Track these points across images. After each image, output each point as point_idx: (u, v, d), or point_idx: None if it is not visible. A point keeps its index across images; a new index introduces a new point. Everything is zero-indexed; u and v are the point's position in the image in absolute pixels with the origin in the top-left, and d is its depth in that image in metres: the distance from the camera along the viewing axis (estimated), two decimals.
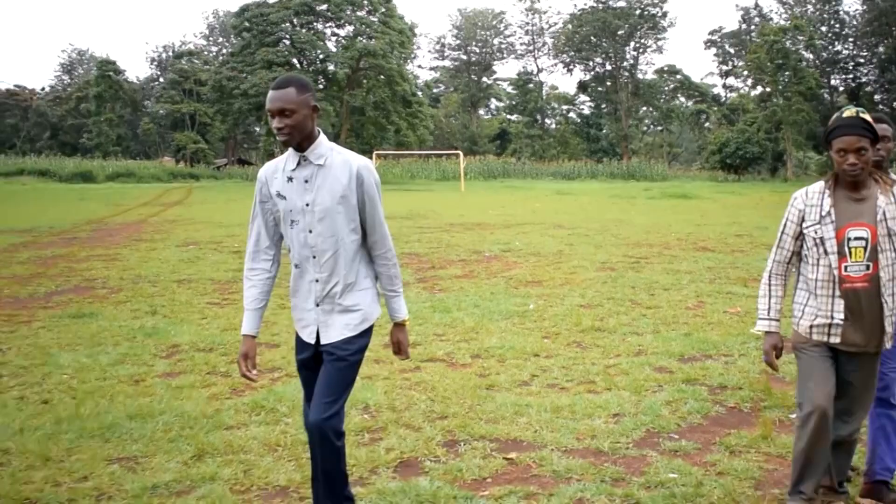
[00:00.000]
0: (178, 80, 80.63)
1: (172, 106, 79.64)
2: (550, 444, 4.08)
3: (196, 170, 71.35)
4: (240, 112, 55.61)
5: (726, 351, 6.17)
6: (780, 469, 3.78)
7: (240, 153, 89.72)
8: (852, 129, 3.21)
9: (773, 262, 3.47)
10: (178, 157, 79.70)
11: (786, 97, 60.27)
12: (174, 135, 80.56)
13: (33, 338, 6.87)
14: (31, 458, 3.93)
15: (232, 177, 69.43)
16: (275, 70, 52.85)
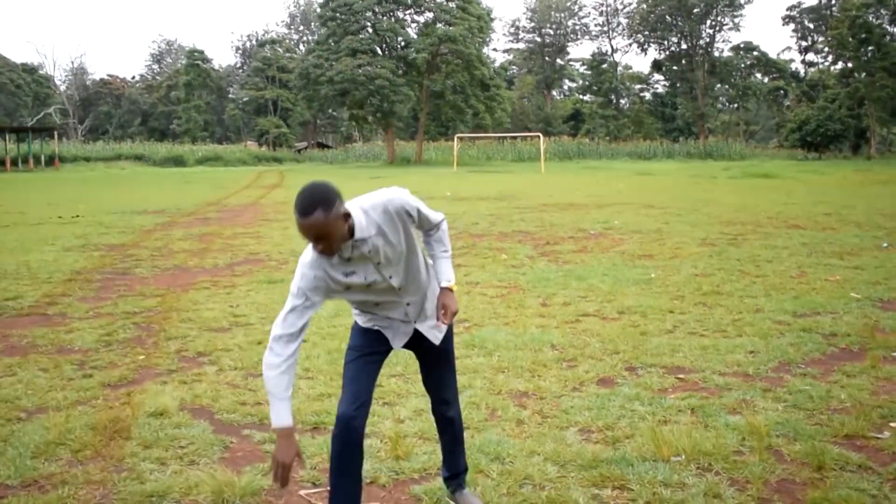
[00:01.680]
0: (261, 67, 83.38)
1: (256, 92, 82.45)
2: (707, 370, 5.41)
3: (279, 153, 74.05)
4: (325, 98, 57.56)
5: (832, 309, 7.37)
6: (887, 386, 5.02)
7: (319, 137, 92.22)
8: None
9: None
10: (261, 141, 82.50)
11: (869, 73, 59.31)
12: (257, 120, 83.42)
13: (248, 298, 8.44)
14: (315, 367, 5.40)
15: (312, 160, 72.04)
16: (359, 57, 54.60)
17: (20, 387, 5.14)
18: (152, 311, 7.79)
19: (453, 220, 16.50)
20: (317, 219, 2.72)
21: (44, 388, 5.10)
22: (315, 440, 4.16)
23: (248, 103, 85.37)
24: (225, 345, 6.25)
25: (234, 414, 4.58)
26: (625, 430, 4.21)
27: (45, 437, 4.13)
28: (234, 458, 3.93)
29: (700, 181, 30.99)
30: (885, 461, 3.81)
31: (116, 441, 4.08)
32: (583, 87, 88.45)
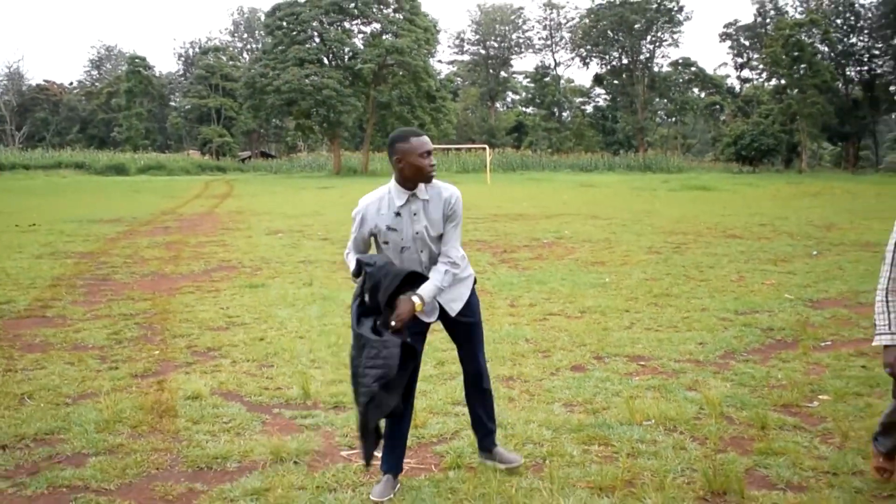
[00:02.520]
0: (204, 75, 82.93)
1: (199, 100, 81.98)
2: (664, 358, 6.21)
3: (222, 162, 73.72)
4: (272, 108, 57.62)
5: (769, 308, 8.28)
6: (816, 369, 5.89)
7: (262, 146, 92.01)
8: None
9: (889, 280, 3.63)
10: (203, 150, 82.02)
11: (801, 90, 61.67)
12: (200, 128, 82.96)
13: (236, 300, 9.01)
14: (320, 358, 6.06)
15: (257, 169, 71.74)
16: (306, 67, 54.92)
17: (55, 377, 5.69)
18: (147, 312, 8.31)
19: None
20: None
21: (77, 379, 5.65)
22: (339, 416, 4.82)
23: (190, 111, 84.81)
24: (230, 341, 6.85)
25: (261, 397, 5.22)
26: (602, 404, 4.99)
27: (100, 416, 4.71)
28: (274, 430, 4.57)
29: (641, 193, 32.20)
30: (815, 423, 4.68)
31: (166, 419, 4.69)
32: (526, 100, 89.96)
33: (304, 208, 24.25)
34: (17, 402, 5.13)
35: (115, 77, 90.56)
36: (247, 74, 59.16)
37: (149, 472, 3.98)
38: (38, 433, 4.53)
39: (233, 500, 3.63)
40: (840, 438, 4.39)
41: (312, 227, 18.41)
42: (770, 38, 66.80)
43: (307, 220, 20.22)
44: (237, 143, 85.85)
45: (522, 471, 3.96)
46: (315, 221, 19.71)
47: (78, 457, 4.18)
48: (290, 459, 4.09)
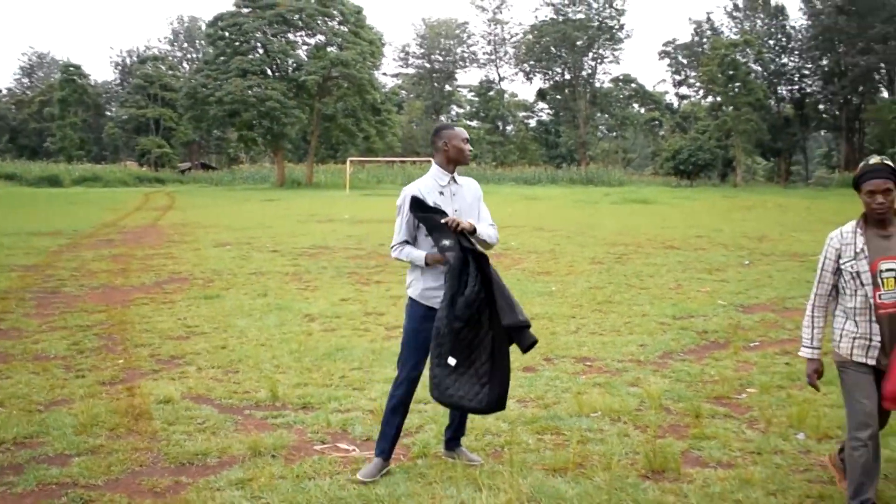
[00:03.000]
0: (142, 84, 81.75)
1: (137, 110, 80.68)
2: (608, 358, 6.64)
3: (161, 174, 72.61)
4: (214, 119, 57.16)
5: (704, 313, 8.80)
6: (745, 366, 6.37)
7: (203, 157, 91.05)
8: (880, 174, 3.63)
9: (816, 296, 3.80)
10: (141, 162, 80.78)
11: (735, 107, 63.51)
12: (138, 139, 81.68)
13: (192, 311, 9.19)
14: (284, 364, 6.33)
15: (197, 181, 70.81)
16: (249, 78, 54.69)
17: (23, 386, 5.85)
18: (104, 324, 8.45)
19: (358, 242, 17.48)
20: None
21: (45, 387, 5.82)
22: (308, 415, 5.11)
23: (127, 122, 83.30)
24: (192, 349, 7.07)
25: (231, 400, 5.48)
26: (552, 399, 5.38)
27: (76, 420, 4.91)
28: (248, 429, 4.84)
29: (584, 206, 32.96)
30: (743, 412, 5.18)
31: (142, 421, 4.92)
32: (470, 113, 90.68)
33: (250, 220, 24.29)
34: None
35: (48, 85, 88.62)
36: (188, 85, 58.52)
37: (133, 468, 4.22)
38: (16, 437, 4.72)
39: (219, 489, 3.90)
40: (764, 424, 4.88)
41: (261, 239, 18.51)
42: (706, 57, 68.73)
43: (254, 232, 20.30)
44: (176, 154, 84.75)
45: (484, 458, 4.31)
46: (263, 234, 19.81)
47: (61, 457, 4.40)
48: (268, 454, 4.38)
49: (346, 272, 12.75)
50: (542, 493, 3.82)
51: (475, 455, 4.44)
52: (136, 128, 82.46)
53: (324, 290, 10.81)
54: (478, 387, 3.95)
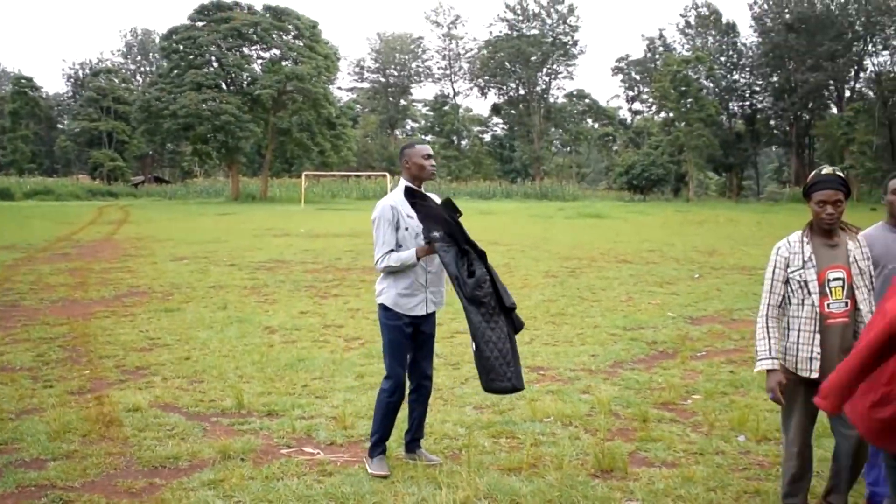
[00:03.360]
0: (95, 97, 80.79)
1: (90, 123, 79.66)
2: (561, 368, 6.94)
3: (114, 187, 71.73)
4: (168, 132, 56.70)
5: (653, 324, 9.16)
6: (692, 374, 6.71)
7: (156, 171, 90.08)
8: (831, 184, 3.67)
9: (768, 307, 3.77)
10: (94, 175, 79.72)
11: (687, 123, 64.76)
12: (91, 152, 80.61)
13: (154, 324, 9.30)
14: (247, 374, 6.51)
15: (151, 194, 70.08)
16: (204, 92, 54.43)
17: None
18: (67, 336, 8.53)
19: (315, 257, 17.61)
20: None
21: (15, 397, 5.93)
22: (273, 422, 5.31)
23: (79, 134, 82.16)
24: (157, 361, 7.20)
25: (198, 408, 5.65)
26: (507, 406, 5.65)
27: (49, 428, 5.05)
28: (216, 435, 5.02)
29: (538, 220, 33.43)
30: (688, 416, 5.49)
31: (113, 428, 5.07)
32: (425, 128, 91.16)
33: (206, 235, 24.25)
34: None
35: None
36: (142, 98, 58.05)
37: (107, 471, 4.39)
38: None
39: (192, 489, 4.09)
40: (707, 427, 5.20)
41: (217, 253, 18.54)
42: (658, 73, 70.05)
43: (211, 246, 20.31)
44: (129, 167, 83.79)
45: (443, 459, 4.57)
46: (219, 248, 19.84)
47: (37, 462, 4.54)
48: (237, 457, 4.57)
49: (304, 286, 12.91)
50: (497, 490, 4.08)
51: (435, 456, 4.68)
52: (88, 141, 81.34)
53: (283, 304, 10.97)
54: (505, 366, 4.33)
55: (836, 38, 63.63)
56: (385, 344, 4.59)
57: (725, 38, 78.18)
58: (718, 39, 78.78)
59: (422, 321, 4.57)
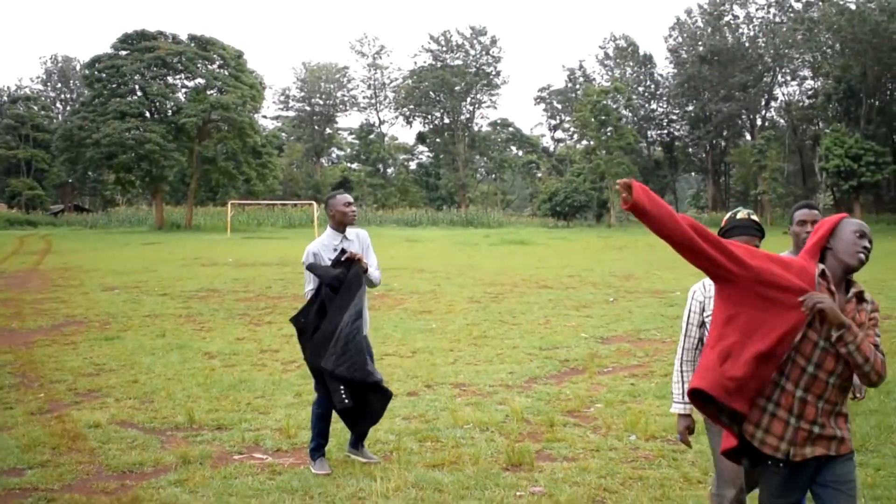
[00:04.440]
0: (13, 125, 79.21)
1: (7, 151, 78.04)
2: (481, 384, 7.71)
3: (33, 216, 70.29)
4: (90, 161, 55.96)
5: (567, 344, 10.03)
6: (597, 387, 7.55)
7: (76, 199, 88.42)
8: (747, 230, 3.66)
9: (683, 350, 3.76)
10: (11, 204, 77.96)
11: (608, 151, 66.98)
12: (9, 181, 78.85)
13: (97, 351, 9.74)
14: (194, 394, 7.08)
15: (71, 223, 68.72)
16: (128, 121, 54.04)
17: None
18: (14, 363, 8.93)
19: (245, 285, 18.08)
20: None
21: None
22: (224, 433, 5.93)
23: None
24: (106, 384, 7.72)
25: (153, 423, 6.23)
26: (432, 416, 6.40)
27: (19, 442, 5.58)
28: (174, 445, 5.62)
29: (464, 248, 34.37)
30: (589, 421, 6.34)
31: (79, 441, 5.63)
32: (351, 156, 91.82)
33: (133, 264, 24.37)
34: None
35: None
36: (63, 126, 57.29)
37: (81, 476, 4.96)
38: None
39: (160, 488, 4.71)
40: (605, 430, 6.03)
41: (148, 283, 18.82)
42: (579, 102, 72.28)
43: (140, 276, 20.54)
44: (49, 196, 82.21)
45: (378, 462, 5.29)
46: (149, 277, 20.09)
47: (15, 470, 5.08)
48: (196, 462, 5.21)
49: (238, 313, 13.43)
50: (423, 481, 4.82)
51: (374, 455, 5.42)
52: (5, 169, 79.57)
53: (219, 331, 11.50)
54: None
55: (746, 69, 66.95)
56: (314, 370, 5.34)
57: (643, 69, 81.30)
58: (636, 70, 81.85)
59: None
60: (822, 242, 2.97)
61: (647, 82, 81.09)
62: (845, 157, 55.59)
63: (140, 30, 58.01)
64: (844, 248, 2.93)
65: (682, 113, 77.79)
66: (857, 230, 2.96)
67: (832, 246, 2.97)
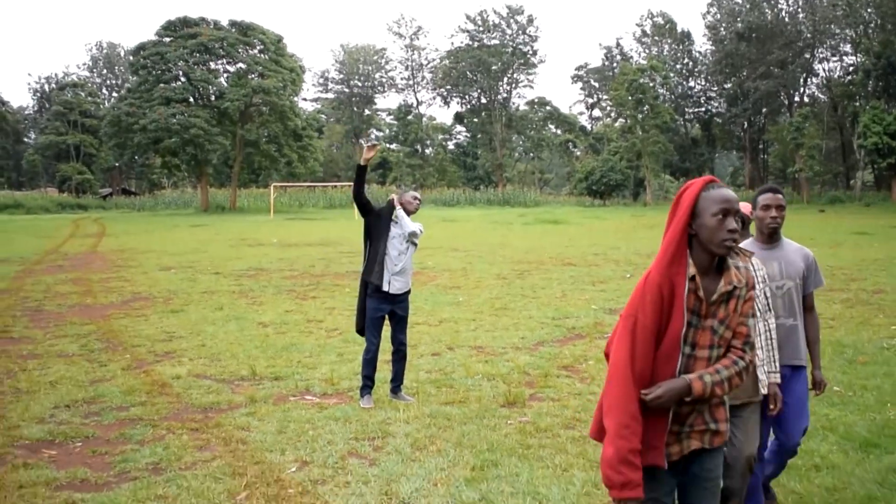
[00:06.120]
0: (62, 111, 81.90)
1: (57, 137, 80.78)
2: (495, 346, 9.02)
3: (83, 200, 72.95)
4: (138, 146, 58.06)
5: (577, 315, 11.29)
6: (594, 349, 8.80)
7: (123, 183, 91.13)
8: None
9: None
10: (62, 188, 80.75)
11: (644, 129, 67.38)
12: (59, 165, 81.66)
13: (165, 322, 11.21)
14: (253, 354, 8.46)
15: (120, 206, 71.21)
16: (173, 106, 55.96)
17: (64, 371, 7.86)
18: (97, 332, 10.42)
19: (290, 265, 19.54)
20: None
21: (82, 372, 7.85)
22: (280, 382, 7.32)
23: (47, 148, 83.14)
24: (179, 348, 9.16)
25: (223, 376, 7.65)
26: (450, 370, 7.75)
27: (120, 389, 7.01)
28: (241, 391, 7.03)
29: (498, 227, 35.60)
30: (579, 374, 7.58)
31: (166, 388, 7.06)
32: (390, 137, 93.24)
33: (184, 246, 26.01)
34: (45, 390, 7.31)
35: None
36: (111, 113, 59.38)
37: (173, 411, 6.38)
38: (83, 399, 6.80)
39: (236, 418, 6.11)
40: (590, 380, 7.32)
41: (200, 262, 20.36)
42: (615, 81, 72.63)
43: (192, 256, 22.12)
44: (97, 180, 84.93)
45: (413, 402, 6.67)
46: (200, 258, 21.65)
47: (122, 408, 6.52)
48: (261, 401, 6.62)
49: (285, 290, 14.86)
50: (436, 413, 6.18)
51: (410, 397, 6.79)
52: (56, 154, 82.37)
53: (269, 304, 12.93)
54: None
55: (785, 46, 66.72)
56: (368, 321, 6.73)
57: (680, 47, 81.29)
58: (674, 47, 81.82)
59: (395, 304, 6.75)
60: (683, 225, 2.74)
61: (684, 59, 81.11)
62: (883, 135, 55.45)
63: (182, 17, 59.91)
64: (708, 237, 2.72)
65: (719, 90, 77.76)
66: (720, 210, 2.70)
67: (696, 230, 2.74)
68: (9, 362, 8.43)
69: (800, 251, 4.25)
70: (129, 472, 4.99)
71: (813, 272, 4.26)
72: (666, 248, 2.73)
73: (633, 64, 74.66)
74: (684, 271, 2.71)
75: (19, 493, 4.61)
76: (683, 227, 2.72)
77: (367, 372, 6.65)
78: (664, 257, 2.72)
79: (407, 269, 6.75)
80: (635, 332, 2.70)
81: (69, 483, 4.83)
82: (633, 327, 2.71)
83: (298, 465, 5.11)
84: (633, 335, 2.70)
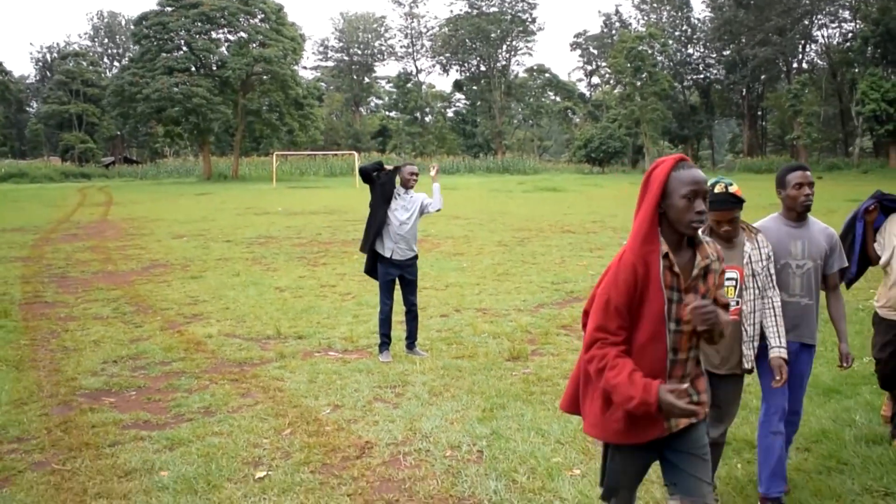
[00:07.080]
0: (64, 80, 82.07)
1: (59, 106, 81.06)
2: (497, 308, 9.74)
3: (86, 169, 73.45)
4: (141, 115, 58.47)
5: (574, 279, 11.99)
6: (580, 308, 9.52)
7: (125, 151, 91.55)
8: (723, 205, 3.72)
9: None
10: (65, 157, 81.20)
11: (643, 97, 67.71)
12: (61, 135, 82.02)
13: (187, 287, 11.90)
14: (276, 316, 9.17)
15: (122, 175, 71.80)
16: (175, 76, 56.33)
17: (102, 332, 8.58)
18: (125, 297, 11.12)
19: (297, 232, 20.20)
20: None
21: (120, 332, 8.57)
22: (303, 341, 8.04)
23: (49, 117, 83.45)
24: (205, 310, 9.87)
25: (251, 335, 8.37)
26: (458, 329, 8.47)
27: (159, 346, 7.74)
28: (270, 347, 7.75)
29: (498, 195, 36.20)
30: (577, 332, 8.30)
31: (200, 346, 7.78)
32: (389, 105, 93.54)
33: (192, 214, 26.63)
34: (90, 347, 8.02)
35: None
36: (114, 83, 59.71)
37: (211, 365, 7.10)
38: (126, 356, 7.51)
39: (269, 370, 6.84)
40: None
41: (210, 231, 21.01)
42: (614, 49, 72.80)
43: (202, 225, 22.76)
44: (100, 149, 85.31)
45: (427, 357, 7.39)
46: (210, 226, 22.29)
47: (163, 363, 7.24)
48: (290, 356, 7.35)
49: (296, 256, 15.54)
50: (448, 366, 6.92)
51: (424, 351, 7.53)
52: (58, 123, 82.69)
53: (283, 271, 13.62)
54: None
55: (783, 13, 66.81)
56: (380, 285, 7.46)
57: (679, 14, 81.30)
58: (672, 14, 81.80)
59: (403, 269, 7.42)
60: (654, 205, 2.80)
61: (683, 26, 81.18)
62: (882, 101, 55.84)
63: None
64: (676, 217, 2.78)
65: (718, 57, 77.91)
66: (689, 192, 2.74)
67: (665, 209, 2.79)
68: (50, 324, 9.14)
69: (824, 231, 4.22)
70: (183, 415, 5.72)
71: (836, 252, 4.26)
72: (638, 227, 2.79)
73: (631, 31, 74.82)
74: (657, 249, 2.76)
75: (93, 431, 5.33)
76: (654, 207, 2.76)
77: (384, 330, 7.37)
78: (637, 237, 2.78)
79: (409, 238, 7.40)
80: (608, 309, 2.78)
81: (134, 423, 5.56)
82: (605, 305, 2.80)
83: (332, 408, 5.85)
84: (607, 312, 2.79)
